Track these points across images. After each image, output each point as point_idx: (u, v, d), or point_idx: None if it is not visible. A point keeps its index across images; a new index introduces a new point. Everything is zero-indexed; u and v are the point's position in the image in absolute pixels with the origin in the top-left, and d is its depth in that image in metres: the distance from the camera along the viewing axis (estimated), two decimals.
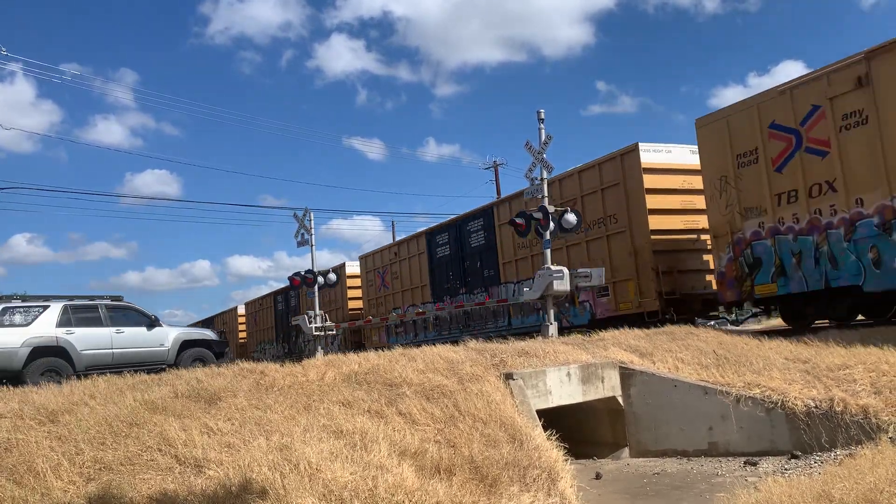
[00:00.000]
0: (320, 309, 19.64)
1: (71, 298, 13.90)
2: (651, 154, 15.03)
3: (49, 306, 13.36)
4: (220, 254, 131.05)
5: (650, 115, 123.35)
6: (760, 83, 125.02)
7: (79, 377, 10.07)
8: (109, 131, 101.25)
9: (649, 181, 14.89)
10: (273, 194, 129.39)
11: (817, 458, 7.89)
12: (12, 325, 12.80)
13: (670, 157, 15.26)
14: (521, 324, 18.26)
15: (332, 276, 19.68)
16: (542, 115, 13.45)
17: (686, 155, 15.19)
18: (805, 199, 11.79)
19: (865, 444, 7.45)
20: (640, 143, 14.99)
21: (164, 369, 10.82)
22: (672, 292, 14.47)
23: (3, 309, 12.87)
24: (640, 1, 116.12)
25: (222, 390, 7.96)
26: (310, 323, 19.32)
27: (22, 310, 13.06)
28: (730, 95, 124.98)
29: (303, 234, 19.18)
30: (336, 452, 6.06)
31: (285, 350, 30.12)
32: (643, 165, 14.87)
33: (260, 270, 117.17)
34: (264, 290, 49.85)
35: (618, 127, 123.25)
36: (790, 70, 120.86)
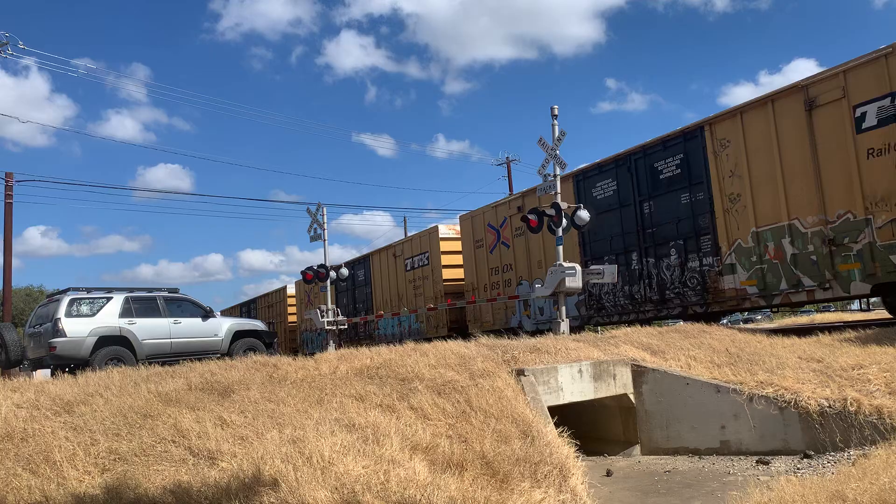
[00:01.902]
0: (332, 304, 19.71)
1: (131, 290, 14.30)
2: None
3: (112, 297, 13.86)
4: (233, 248, 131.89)
5: (660, 113, 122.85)
6: (772, 81, 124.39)
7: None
8: (122, 126, 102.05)
9: None
10: (284, 189, 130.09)
11: (830, 457, 7.85)
12: (80, 315, 13.21)
13: None
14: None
15: (344, 271, 19.75)
16: (556, 112, 13.42)
17: None
18: None
19: (880, 445, 7.39)
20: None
21: (219, 358, 11.11)
22: None
23: (71, 300, 13.27)
24: None
25: (236, 383, 8.01)
26: (322, 317, 19.41)
27: (88, 301, 13.47)
28: (740, 93, 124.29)
29: (315, 229, 19.25)
30: (348, 446, 6.09)
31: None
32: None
33: (272, 264, 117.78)
34: (276, 284, 49.46)
35: (627, 124, 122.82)
36: (802, 68, 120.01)
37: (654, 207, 14.88)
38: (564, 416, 8.43)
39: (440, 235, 22.22)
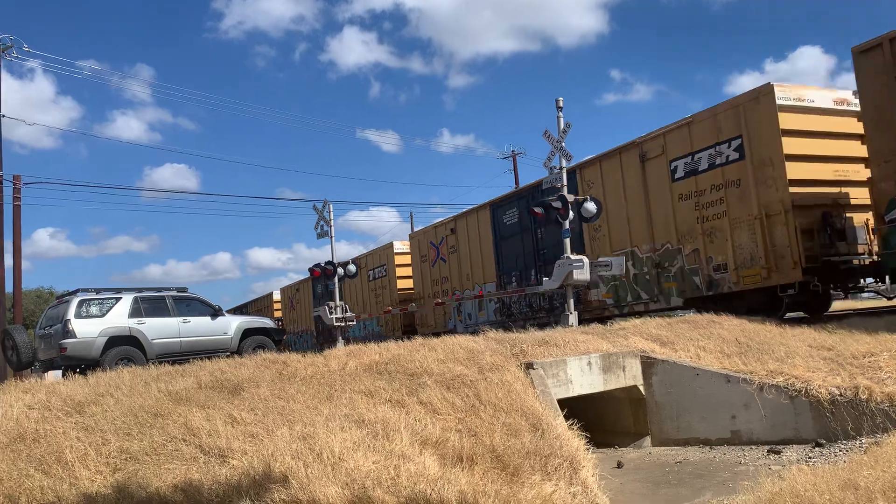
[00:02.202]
0: (341, 299, 19.74)
1: (140, 290, 14.37)
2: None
3: (121, 298, 13.93)
4: (241, 246, 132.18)
5: (665, 103, 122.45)
6: (777, 69, 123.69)
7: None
8: (128, 126, 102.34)
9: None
10: (290, 187, 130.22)
11: (842, 446, 7.82)
12: (89, 316, 13.30)
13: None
14: None
15: (352, 268, 19.76)
16: (561, 104, 13.37)
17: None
18: None
19: (891, 432, 7.37)
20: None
21: (229, 356, 11.17)
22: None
23: (81, 301, 13.36)
24: None
25: (245, 381, 8.03)
26: (330, 314, 19.44)
27: (97, 301, 13.55)
28: (745, 82, 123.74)
29: (322, 226, 19.27)
30: (358, 441, 6.09)
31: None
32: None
33: (279, 262, 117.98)
34: (284, 282, 50.08)
35: (633, 115, 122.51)
36: (808, 55, 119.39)
37: (544, 234, 17.50)
38: (574, 408, 8.42)
39: (395, 251, 25.00)
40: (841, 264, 11.87)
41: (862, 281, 12.59)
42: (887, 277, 11.55)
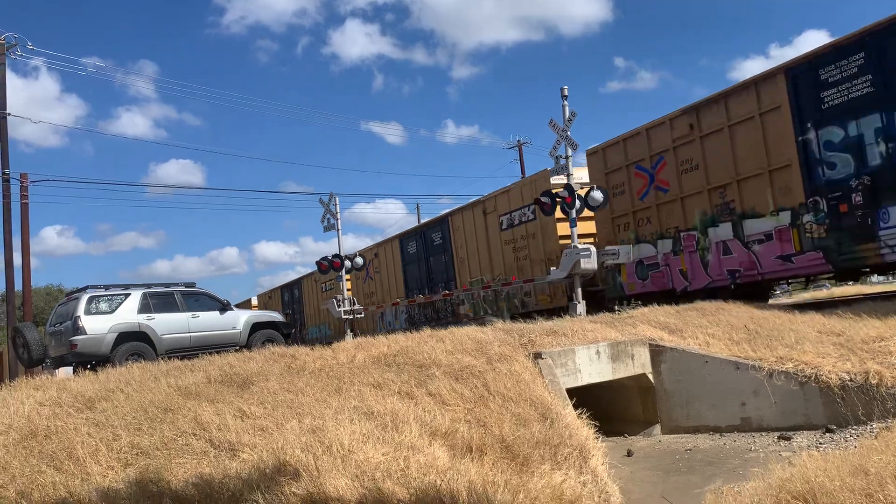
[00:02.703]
0: (347, 292, 19.80)
1: (149, 286, 14.42)
2: None
3: (130, 294, 13.97)
4: (248, 241, 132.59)
5: (670, 90, 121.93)
6: (783, 54, 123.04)
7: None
8: (133, 123, 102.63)
9: None
10: (295, 180, 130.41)
11: (853, 431, 7.79)
12: (99, 312, 13.36)
13: None
14: None
15: (359, 260, 19.84)
16: (566, 92, 13.33)
17: None
18: None
19: None
20: None
21: (238, 350, 11.20)
22: None
23: (90, 298, 13.42)
24: None
25: (254, 375, 8.06)
26: (338, 307, 19.51)
27: (106, 298, 13.61)
28: (751, 67, 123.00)
29: (329, 219, 19.32)
30: (368, 433, 6.11)
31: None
32: None
33: (287, 256, 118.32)
34: (292, 276, 50.74)
35: (638, 102, 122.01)
36: (814, 39, 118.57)
37: (432, 262, 22.48)
38: (583, 397, 8.42)
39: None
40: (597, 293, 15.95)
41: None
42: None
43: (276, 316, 16.72)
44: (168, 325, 13.99)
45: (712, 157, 13.40)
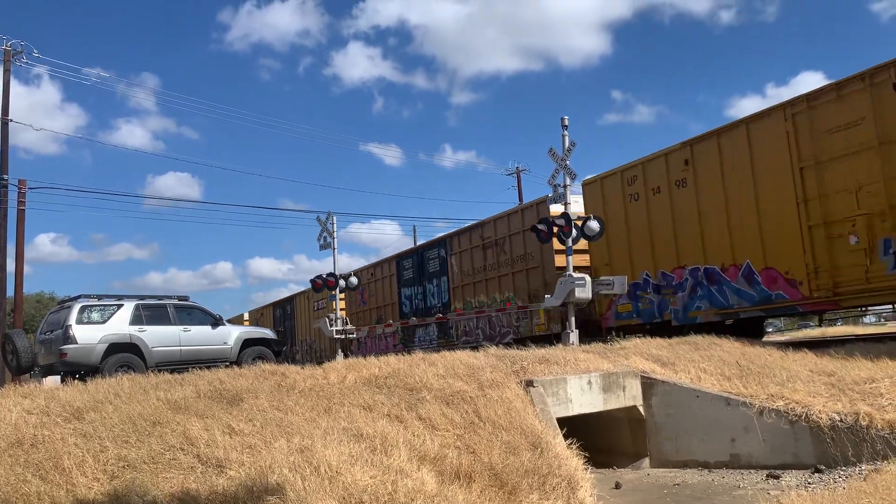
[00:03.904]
0: (341, 311, 19.77)
1: (142, 298, 14.36)
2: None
3: (122, 305, 13.91)
4: (242, 256, 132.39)
5: (666, 125, 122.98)
6: (779, 94, 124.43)
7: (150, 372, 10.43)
8: (132, 134, 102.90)
9: None
10: (293, 198, 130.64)
11: (842, 472, 7.78)
12: (90, 322, 13.29)
13: None
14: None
15: (354, 280, 19.82)
16: (566, 122, 13.44)
17: None
18: None
19: (892, 460, 7.34)
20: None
21: (228, 366, 11.15)
22: None
23: (82, 307, 13.35)
24: (655, 11, 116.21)
25: (244, 391, 8.02)
26: (330, 326, 19.46)
27: (99, 308, 13.54)
28: (748, 105, 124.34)
29: (325, 238, 19.34)
30: (356, 456, 6.08)
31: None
32: None
33: (280, 273, 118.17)
34: (285, 293, 50.94)
35: (634, 136, 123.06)
36: (810, 80, 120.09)
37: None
38: (573, 427, 8.39)
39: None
40: None
41: None
42: None
43: (268, 332, 16.66)
44: (159, 337, 13.94)
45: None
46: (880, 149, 11.10)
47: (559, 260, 16.50)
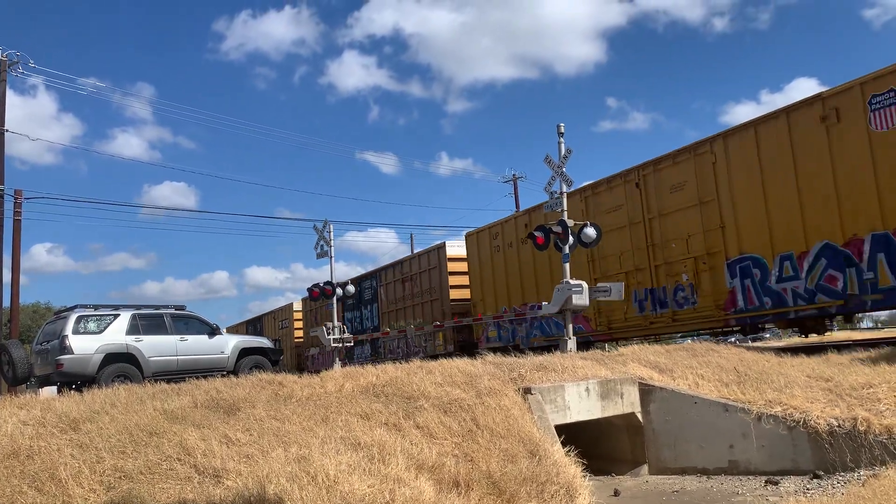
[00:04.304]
0: (339, 321, 19.75)
1: (138, 307, 14.31)
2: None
3: (119, 315, 13.85)
4: (239, 265, 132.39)
5: (661, 132, 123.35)
6: (773, 100, 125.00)
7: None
8: (128, 144, 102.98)
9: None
10: (289, 207, 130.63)
11: (840, 478, 7.77)
12: (87, 332, 13.24)
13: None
14: None
15: (351, 288, 19.79)
16: (563, 129, 13.45)
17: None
18: None
19: (890, 465, 7.33)
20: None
21: (225, 375, 11.11)
22: None
23: (79, 318, 13.29)
24: (649, 19, 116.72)
25: (241, 401, 8.00)
26: (328, 334, 19.41)
27: (95, 318, 13.49)
28: (742, 112, 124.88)
29: (322, 246, 19.32)
30: (354, 465, 6.06)
31: None
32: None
33: (277, 281, 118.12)
34: (282, 301, 51.67)
35: (629, 143, 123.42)
36: (804, 87, 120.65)
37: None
38: (571, 434, 8.38)
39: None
40: None
41: None
42: None
43: (265, 342, 16.62)
44: (156, 347, 13.89)
45: None
46: (631, 227, 16.18)
47: (453, 293, 22.07)
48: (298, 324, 34.12)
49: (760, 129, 13.31)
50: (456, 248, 22.89)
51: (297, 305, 34.71)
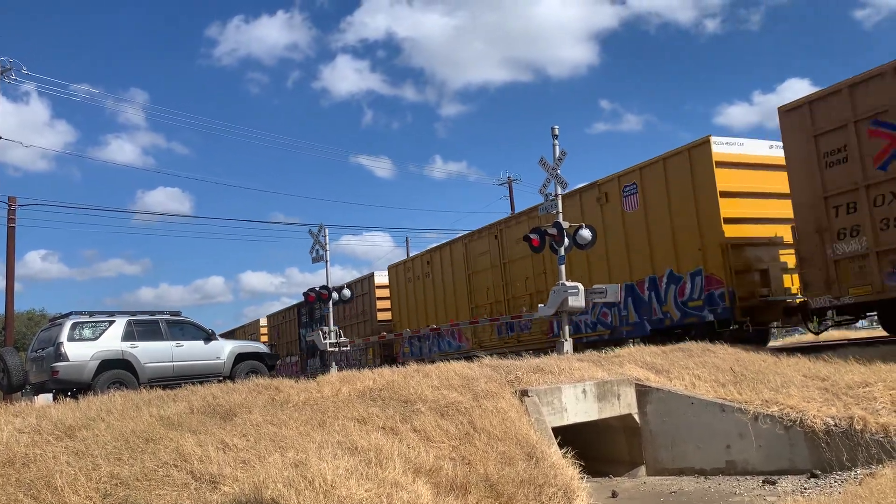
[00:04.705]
0: (335, 324, 19.73)
1: (133, 314, 14.27)
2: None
3: (114, 321, 13.82)
4: (234, 270, 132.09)
5: (655, 134, 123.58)
6: (766, 101, 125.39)
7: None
8: (122, 150, 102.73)
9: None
10: (284, 212, 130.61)
11: (837, 477, 7.78)
12: (82, 339, 13.19)
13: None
14: None
15: (347, 292, 19.79)
16: (557, 132, 13.48)
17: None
18: None
19: (886, 464, 7.35)
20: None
21: (221, 380, 11.08)
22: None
23: (74, 324, 13.25)
24: (641, 21, 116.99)
25: (237, 406, 7.98)
26: (324, 339, 19.38)
27: (90, 324, 13.44)
28: (735, 113, 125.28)
29: (317, 250, 19.30)
30: (351, 469, 6.05)
31: None
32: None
33: (272, 286, 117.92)
34: (277, 306, 52.44)
35: (623, 145, 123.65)
36: (797, 88, 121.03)
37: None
38: (569, 436, 8.38)
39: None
40: None
41: None
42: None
43: (261, 347, 16.60)
44: (151, 353, 13.85)
45: None
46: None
47: (380, 315, 26.50)
48: (264, 338, 36.83)
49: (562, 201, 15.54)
50: (382, 277, 27.03)
51: (264, 321, 38.89)
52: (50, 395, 13.42)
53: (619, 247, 15.92)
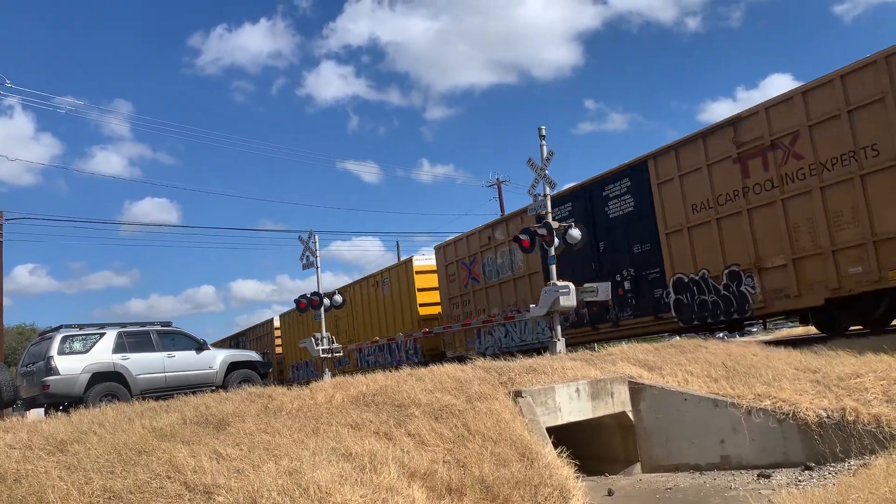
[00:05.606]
0: (327, 331, 19.66)
1: (124, 325, 14.19)
2: None
3: (105, 333, 13.72)
4: (224, 279, 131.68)
5: (640, 132, 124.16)
6: (749, 97, 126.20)
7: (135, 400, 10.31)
8: (108, 161, 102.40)
9: None
10: (272, 219, 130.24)
11: (831, 468, 7.82)
12: (73, 352, 13.11)
13: None
14: None
15: (339, 298, 19.71)
16: (544, 132, 13.50)
17: None
18: None
19: (879, 454, 7.38)
20: None
21: (214, 390, 11.04)
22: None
23: (64, 338, 13.14)
24: (623, 21, 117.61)
25: (230, 415, 7.94)
26: (317, 345, 19.32)
27: (80, 337, 13.35)
28: (719, 110, 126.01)
29: (308, 257, 19.24)
30: (345, 475, 6.02)
31: None
32: None
33: (264, 294, 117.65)
34: (268, 314, 52.18)
35: (608, 144, 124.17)
36: (779, 83, 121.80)
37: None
38: (563, 436, 8.38)
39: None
40: None
41: None
42: None
43: (254, 355, 16.52)
44: (143, 364, 13.78)
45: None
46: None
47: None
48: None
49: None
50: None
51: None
52: (41, 410, 13.33)
53: (379, 314, 25.45)
